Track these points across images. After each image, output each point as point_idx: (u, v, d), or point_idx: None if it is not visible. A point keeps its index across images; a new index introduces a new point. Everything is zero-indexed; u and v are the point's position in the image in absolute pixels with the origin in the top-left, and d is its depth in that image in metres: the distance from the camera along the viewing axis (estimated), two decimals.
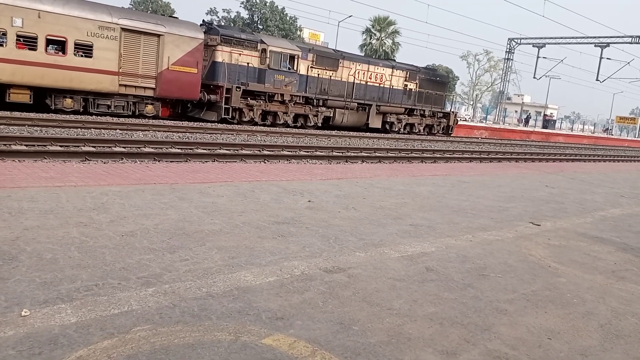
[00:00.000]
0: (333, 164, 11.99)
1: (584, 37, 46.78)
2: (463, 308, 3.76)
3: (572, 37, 48.13)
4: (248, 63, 20.50)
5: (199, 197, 6.48)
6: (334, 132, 22.24)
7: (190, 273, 3.85)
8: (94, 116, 16.64)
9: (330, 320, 3.29)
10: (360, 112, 24.88)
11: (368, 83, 25.08)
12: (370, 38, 56.28)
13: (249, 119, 20.63)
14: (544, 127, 58.39)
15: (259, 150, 12.83)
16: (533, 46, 51.35)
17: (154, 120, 17.53)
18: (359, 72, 24.56)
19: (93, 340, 2.75)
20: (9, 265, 3.61)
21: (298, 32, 51.88)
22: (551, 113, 77.33)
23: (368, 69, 25.06)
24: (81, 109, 16.95)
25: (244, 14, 53.06)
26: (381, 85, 25.72)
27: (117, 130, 14.05)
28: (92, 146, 10.34)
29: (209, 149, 11.83)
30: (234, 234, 5.01)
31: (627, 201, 10.66)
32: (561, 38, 49.00)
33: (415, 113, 27.73)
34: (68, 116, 15.76)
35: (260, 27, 50.30)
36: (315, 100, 22.86)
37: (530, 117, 65.04)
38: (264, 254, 4.48)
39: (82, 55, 16.52)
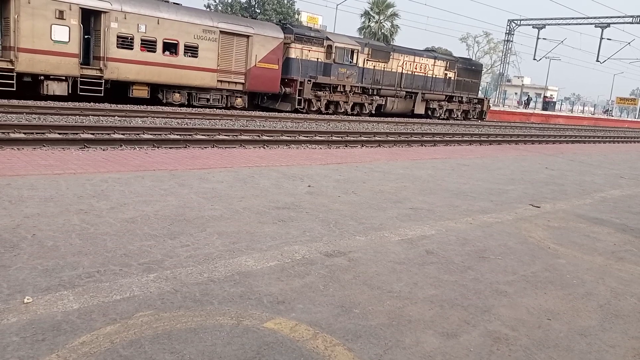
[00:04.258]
0: (332, 149, 11.97)
1: (584, 18, 46.44)
2: (463, 290, 3.78)
3: (573, 18, 47.78)
4: (317, 58, 23.02)
5: (199, 183, 6.48)
6: (331, 117, 22.19)
7: (191, 258, 3.86)
8: (196, 108, 19.05)
9: (331, 304, 3.32)
10: (407, 100, 27.26)
11: (414, 73, 27.32)
12: (369, 21, 55.75)
13: (316, 108, 22.95)
14: (544, 108, 58.18)
15: (258, 136, 12.80)
16: (533, 27, 50.98)
17: (152, 107, 17.59)
18: (406, 63, 26.88)
19: (96, 326, 2.77)
20: (10, 253, 3.63)
21: (296, 16, 51.34)
22: (551, 95, 76.94)
23: (414, 60, 27.36)
24: (186, 102, 19.45)
25: None
26: (425, 75, 27.98)
27: (116, 117, 14.00)
28: (91, 133, 10.31)
29: (208, 135, 11.80)
30: (235, 219, 5.02)
31: (626, 182, 10.67)
32: (561, 19, 48.62)
33: (454, 100, 30.23)
34: (65, 103, 15.73)
35: (258, 11, 49.80)
36: (370, 90, 25.21)
37: (531, 100, 64.74)
38: (265, 239, 4.50)
39: (190, 56, 19.05)
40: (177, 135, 11.35)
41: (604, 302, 3.85)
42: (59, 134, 9.82)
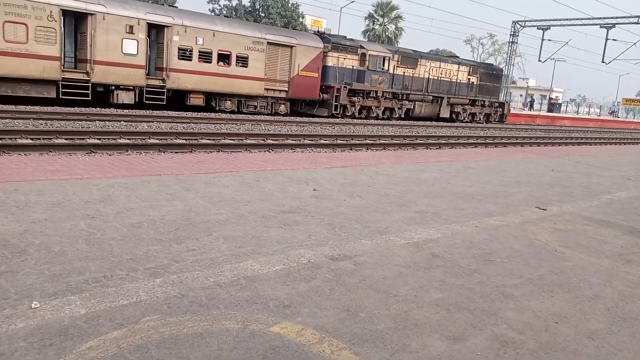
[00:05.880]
0: (337, 152, 11.98)
1: (589, 19, 46.18)
2: (469, 293, 3.77)
3: (577, 19, 47.50)
4: (353, 66, 24.23)
5: (205, 188, 6.50)
6: (340, 120, 22.20)
7: (197, 263, 3.87)
8: (244, 115, 20.35)
9: (337, 308, 3.31)
10: (434, 104, 28.54)
11: (440, 78, 28.46)
12: (373, 24, 55.82)
13: (351, 113, 24.25)
14: (550, 110, 57.96)
15: (263, 140, 12.83)
16: (538, 28, 50.69)
17: (158, 112, 17.69)
18: (432, 69, 28.07)
19: (103, 330, 2.78)
20: (18, 259, 3.65)
21: (300, 20, 51.40)
22: (556, 96, 76.65)
23: (440, 66, 28.59)
24: (236, 110, 20.64)
25: (246, 1, 52.65)
26: (450, 80, 29.14)
27: (122, 122, 14.08)
28: (97, 138, 10.38)
29: (213, 139, 11.84)
30: (240, 223, 5.03)
31: (633, 184, 10.61)
32: (566, 20, 48.39)
33: (476, 103, 31.43)
34: (72, 109, 15.83)
35: (262, 14, 49.92)
36: (400, 95, 26.56)
37: (534, 101, 64.64)
38: (271, 243, 4.50)
39: (241, 66, 20.35)
40: (183, 139, 11.40)
41: (612, 305, 3.83)
42: (66, 139, 9.88)
